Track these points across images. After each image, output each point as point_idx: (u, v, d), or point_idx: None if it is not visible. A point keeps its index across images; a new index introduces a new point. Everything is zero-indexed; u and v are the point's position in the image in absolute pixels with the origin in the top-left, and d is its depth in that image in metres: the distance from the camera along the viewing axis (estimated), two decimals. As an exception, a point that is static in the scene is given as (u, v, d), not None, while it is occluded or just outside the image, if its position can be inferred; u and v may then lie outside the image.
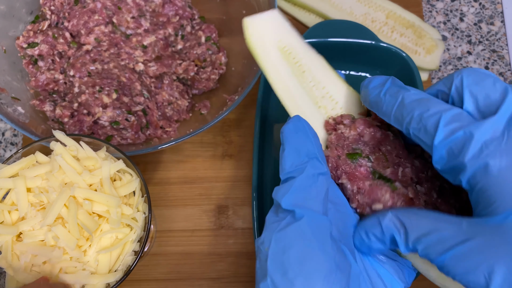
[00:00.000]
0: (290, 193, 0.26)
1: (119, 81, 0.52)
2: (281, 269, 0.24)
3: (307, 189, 0.26)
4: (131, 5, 0.57)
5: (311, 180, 0.26)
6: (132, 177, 0.40)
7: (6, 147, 0.57)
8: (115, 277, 0.37)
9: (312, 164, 0.27)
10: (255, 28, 0.34)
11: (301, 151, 0.27)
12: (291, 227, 0.24)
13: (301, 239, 0.24)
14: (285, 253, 0.24)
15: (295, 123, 0.28)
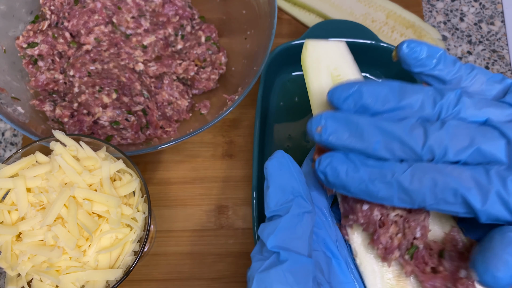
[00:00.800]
0: (276, 233, 0.25)
1: (119, 81, 0.52)
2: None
3: (293, 229, 0.26)
4: (131, 5, 0.57)
5: (297, 219, 0.26)
6: (132, 177, 0.40)
7: (6, 147, 0.57)
8: (115, 274, 0.37)
9: (297, 202, 0.26)
10: (315, 50, 0.36)
11: (286, 189, 0.27)
12: (274, 270, 0.24)
13: (282, 284, 0.23)
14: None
15: (278, 159, 0.28)
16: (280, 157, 0.28)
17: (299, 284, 0.24)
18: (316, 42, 0.36)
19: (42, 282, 0.36)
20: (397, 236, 0.30)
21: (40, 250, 0.35)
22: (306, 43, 0.36)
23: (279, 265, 0.24)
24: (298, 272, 0.24)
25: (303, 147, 0.54)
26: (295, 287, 0.23)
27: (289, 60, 0.55)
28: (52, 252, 0.35)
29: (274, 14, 0.50)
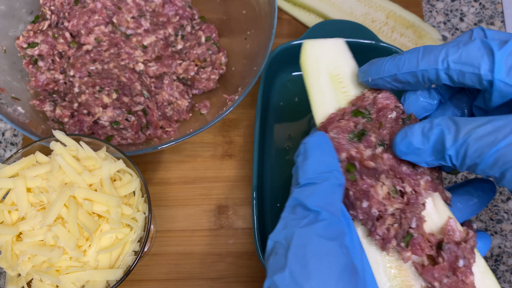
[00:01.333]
0: (316, 195, 0.28)
1: (119, 81, 0.52)
2: (301, 262, 0.25)
3: (330, 195, 0.28)
4: (131, 5, 0.57)
5: (332, 189, 0.29)
6: (132, 177, 0.40)
7: (6, 147, 0.57)
8: (115, 274, 0.37)
9: (335, 175, 0.29)
10: (313, 51, 0.36)
11: (324, 162, 0.29)
12: (315, 226, 0.26)
13: (323, 238, 0.26)
14: (306, 248, 0.26)
15: (319, 137, 0.31)
16: (322, 135, 0.31)
17: (337, 240, 0.26)
18: (314, 42, 0.37)
19: (42, 282, 0.36)
20: (393, 226, 0.31)
21: (40, 250, 0.35)
22: (304, 44, 0.36)
23: (319, 222, 0.26)
24: (336, 230, 0.27)
25: (303, 147, 0.54)
26: (334, 242, 0.26)
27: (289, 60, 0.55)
28: (52, 252, 0.35)
29: (274, 14, 0.50)
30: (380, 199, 0.31)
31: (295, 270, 0.25)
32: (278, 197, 0.52)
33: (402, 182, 0.32)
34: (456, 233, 0.31)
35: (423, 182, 0.32)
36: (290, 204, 0.29)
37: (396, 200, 0.31)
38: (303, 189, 0.29)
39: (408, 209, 0.31)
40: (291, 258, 0.26)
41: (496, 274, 0.51)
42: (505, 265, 0.52)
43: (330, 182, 0.29)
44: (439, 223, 0.32)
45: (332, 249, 0.26)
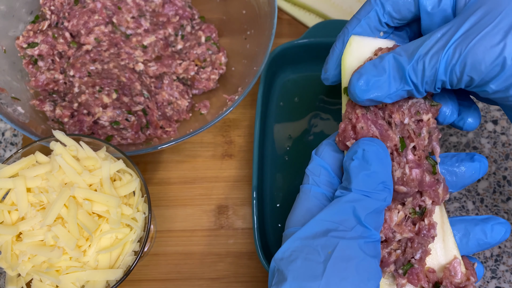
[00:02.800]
0: (366, 208, 0.28)
1: (119, 81, 0.52)
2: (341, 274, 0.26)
3: (380, 214, 0.29)
4: (131, 5, 0.57)
5: (383, 207, 0.29)
6: (132, 177, 0.40)
7: (6, 147, 0.57)
8: (115, 274, 0.37)
9: (389, 196, 0.29)
10: (359, 48, 0.34)
11: (382, 177, 0.29)
12: (363, 242, 0.27)
13: (368, 256, 0.26)
14: (349, 261, 0.26)
15: (380, 147, 0.30)
16: (381, 145, 0.30)
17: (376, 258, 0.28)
18: (362, 39, 0.34)
19: (42, 282, 0.36)
20: (395, 252, 0.30)
21: (40, 250, 0.35)
22: (350, 39, 0.34)
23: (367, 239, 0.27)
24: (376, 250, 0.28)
25: (303, 147, 0.54)
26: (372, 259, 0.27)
27: (289, 60, 0.55)
28: (52, 252, 0.35)
29: (274, 14, 0.50)
30: (392, 225, 0.30)
31: (333, 282, 0.25)
32: (278, 197, 0.52)
33: (421, 196, 0.31)
34: (457, 276, 0.30)
35: (441, 191, 0.31)
36: (332, 208, 0.28)
37: (407, 228, 0.30)
38: (356, 196, 0.28)
39: (418, 239, 0.30)
40: (330, 268, 0.25)
41: (496, 274, 0.51)
42: (505, 265, 0.52)
43: (385, 201, 0.28)
44: (443, 260, 0.31)
45: (373, 268, 0.26)
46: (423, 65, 0.28)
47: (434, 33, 0.29)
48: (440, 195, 0.31)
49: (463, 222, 0.33)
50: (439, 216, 0.32)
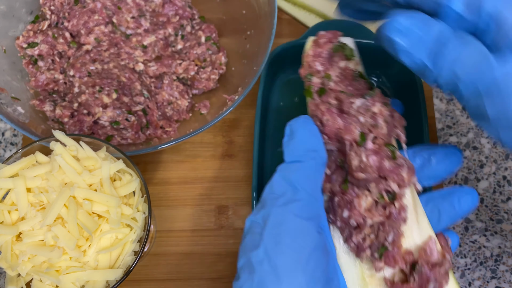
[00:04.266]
0: (300, 173, 0.28)
1: (119, 81, 0.52)
2: (275, 239, 0.26)
3: (314, 175, 0.29)
4: (131, 5, 0.57)
5: (317, 167, 0.29)
6: (132, 177, 0.40)
7: (6, 147, 0.57)
8: (115, 274, 0.37)
9: (320, 154, 0.29)
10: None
11: (310, 141, 0.30)
12: (292, 205, 0.27)
13: (298, 217, 0.27)
14: (281, 226, 0.26)
15: (305, 119, 0.31)
16: (306, 117, 0.31)
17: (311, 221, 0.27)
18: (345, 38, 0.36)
19: (41, 282, 0.36)
20: (369, 237, 0.31)
21: (40, 250, 0.35)
22: (309, 40, 0.36)
23: (297, 202, 0.27)
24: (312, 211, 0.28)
25: (303, 147, 0.54)
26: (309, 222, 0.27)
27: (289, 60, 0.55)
28: (52, 253, 0.35)
29: (274, 14, 0.50)
30: (362, 211, 0.31)
31: (269, 247, 0.26)
32: (278, 197, 0.52)
33: (386, 180, 0.31)
34: (433, 255, 0.31)
35: (405, 174, 0.32)
36: (270, 182, 0.29)
37: (377, 212, 0.31)
38: (288, 165, 0.29)
39: (388, 223, 0.31)
40: (266, 236, 0.26)
41: (496, 274, 0.51)
42: (505, 265, 0.52)
43: (316, 161, 0.29)
44: (418, 241, 0.32)
45: (307, 228, 0.27)
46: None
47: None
48: (405, 178, 0.31)
49: (431, 200, 0.34)
50: (411, 199, 0.33)
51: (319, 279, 0.26)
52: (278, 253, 0.26)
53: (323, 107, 0.33)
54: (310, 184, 0.28)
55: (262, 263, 0.26)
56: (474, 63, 0.26)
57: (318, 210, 0.28)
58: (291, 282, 0.25)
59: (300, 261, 0.26)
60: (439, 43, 0.27)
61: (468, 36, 0.27)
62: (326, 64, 0.35)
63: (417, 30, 0.27)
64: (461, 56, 0.26)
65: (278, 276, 0.25)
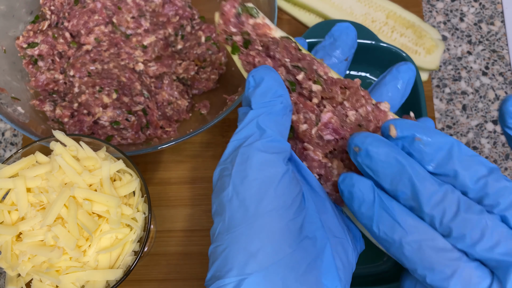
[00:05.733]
0: (268, 115, 0.28)
1: (119, 81, 0.52)
2: (242, 175, 0.26)
3: (281, 117, 0.29)
4: (131, 5, 0.57)
5: (284, 112, 0.29)
6: (132, 177, 0.40)
7: (6, 147, 0.57)
8: (115, 274, 0.37)
9: (286, 99, 0.29)
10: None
11: (275, 88, 0.30)
12: (258, 142, 0.27)
13: (263, 152, 0.27)
14: (247, 162, 0.26)
15: (267, 68, 0.31)
16: (267, 66, 0.31)
17: (277, 154, 0.27)
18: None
19: (41, 282, 0.36)
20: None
21: (40, 250, 0.35)
22: (215, 14, 0.37)
23: (263, 139, 0.27)
24: (278, 147, 0.27)
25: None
26: (274, 155, 0.27)
27: (289, 60, 0.55)
28: (52, 253, 0.35)
29: (274, 14, 0.50)
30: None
31: (237, 183, 0.26)
32: (278, 197, 0.52)
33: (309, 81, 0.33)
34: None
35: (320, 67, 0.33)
36: (238, 128, 0.29)
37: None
38: (256, 111, 0.29)
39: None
40: (234, 174, 0.27)
41: None
42: None
43: (283, 105, 0.29)
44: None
45: (272, 161, 0.26)
46: None
47: None
48: (324, 69, 0.33)
49: (378, 88, 0.35)
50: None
51: (290, 206, 0.26)
52: (246, 188, 0.26)
53: (253, 52, 0.34)
54: (278, 127, 0.28)
55: (231, 200, 0.26)
56: None
57: (284, 147, 0.28)
58: (259, 211, 0.25)
59: (268, 190, 0.26)
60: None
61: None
62: (238, 26, 0.36)
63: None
64: None
65: (246, 208, 0.25)
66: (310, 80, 0.32)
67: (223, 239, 0.27)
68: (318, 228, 0.28)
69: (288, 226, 0.26)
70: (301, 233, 0.26)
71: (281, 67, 0.33)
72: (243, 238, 0.25)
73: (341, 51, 0.37)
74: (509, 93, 0.60)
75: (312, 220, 0.28)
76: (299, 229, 0.26)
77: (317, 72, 0.33)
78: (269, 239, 0.25)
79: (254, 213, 0.25)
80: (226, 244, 0.26)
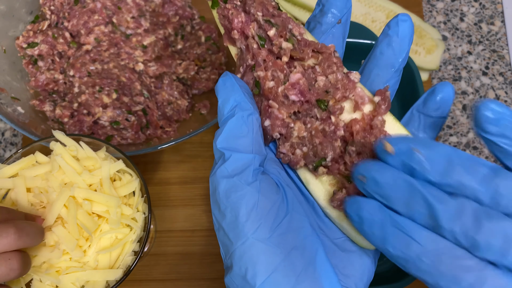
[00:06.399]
0: (222, 135, 0.28)
1: (119, 81, 0.52)
2: (216, 205, 0.27)
3: (238, 129, 0.28)
4: (131, 5, 0.57)
5: (241, 120, 0.29)
6: (132, 177, 0.40)
7: (6, 147, 0.57)
8: (115, 274, 0.37)
9: (240, 106, 0.29)
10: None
11: (231, 99, 0.29)
12: (220, 169, 0.27)
13: (225, 178, 0.27)
14: (215, 191, 0.27)
15: (224, 78, 0.30)
16: (225, 75, 0.30)
17: (239, 175, 0.27)
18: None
19: (41, 283, 0.36)
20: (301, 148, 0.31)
21: (40, 251, 0.35)
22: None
23: (224, 163, 0.27)
24: (239, 165, 0.27)
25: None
26: (235, 178, 0.27)
27: (289, 60, 0.55)
28: (52, 253, 0.35)
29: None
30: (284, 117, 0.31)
31: (216, 214, 0.27)
32: (278, 197, 0.52)
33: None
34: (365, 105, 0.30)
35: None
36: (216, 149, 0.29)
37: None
38: (219, 130, 0.29)
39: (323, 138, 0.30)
40: (212, 205, 0.28)
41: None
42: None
43: (236, 116, 0.28)
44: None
45: (235, 185, 0.27)
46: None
47: None
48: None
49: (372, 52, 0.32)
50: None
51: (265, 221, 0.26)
52: (222, 217, 0.27)
53: (230, 5, 0.33)
54: (235, 141, 0.28)
55: (218, 230, 0.27)
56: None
57: (247, 162, 0.28)
58: (238, 238, 0.26)
59: (238, 216, 0.26)
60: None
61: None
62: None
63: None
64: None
65: (228, 237, 0.27)
66: (282, 38, 0.31)
67: (225, 264, 0.28)
68: (307, 235, 0.27)
69: (267, 245, 0.26)
70: (284, 247, 0.26)
71: (253, 22, 0.32)
72: (234, 263, 0.26)
73: (331, 15, 0.33)
74: (509, 93, 0.60)
75: (298, 226, 0.28)
76: (281, 244, 0.26)
77: (292, 32, 0.32)
78: (252, 263, 0.26)
79: (233, 241, 0.26)
80: (226, 270, 0.28)
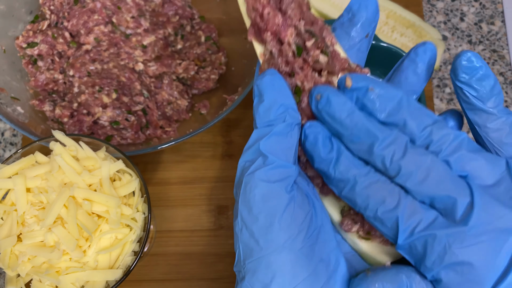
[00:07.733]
0: (270, 138, 0.28)
1: (118, 81, 0.52)
2: (247, 207, 0.27)
3: (284, 138, 0.28)
4: (130, 4, 0.57)
5: (288, 129, 0.28)
6: (132, 177, 0.40)
7: (6, 147, 0.57)
8: (114, 274, 0.37)
9: (291, 114, 0.28)
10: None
11: (279, 102, 0.29)
12: (259, 171, 0.27)
13: (264, 181, 0.27)
14: (251, 193, 0.27)
15: (272, 76, 0.29)
16: (273, 73, 0.29)
17: (279, 182, 0.27)
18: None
19: (41, 283, 0.36)
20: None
21: (40, 251, 0.35)
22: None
23: (265, 167, 0.27)
24: (280, 173, 0.27)
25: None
26: (276, 184, 0.27)
27: (289, 60, 0.55)
28: (52, 253, 0.35)
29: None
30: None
31: (244, 215, 0.27)
32: (278, 197, 0.52)
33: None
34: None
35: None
36: (245, 147, 0.29)
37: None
38: (259, 131, 0.28)
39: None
40: (240, 205, 0.27)
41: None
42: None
43: (286, 123, 0.28)
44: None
45: (274, 192, 0.27)
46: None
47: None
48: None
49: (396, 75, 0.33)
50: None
51: (296, 236, 0.26)
52: (252, 220, 0.26)
53: (265, 0, 0.31)
54: (281, 149, 0.28)
55: (242, 231, 0.27)
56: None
57: (288, 172, 0.28)
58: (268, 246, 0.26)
59: (272, 223, 0.26)
60: None
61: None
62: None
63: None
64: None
65: (256, 240, 0.26)
66: (318, 49, 0.30)
67: (241, 266, 0.28)
68: (332, 248, 0.28)
69: (297, 256, 0.26)
70: (312, 258, 0.27)
71: (291, 28, 0.30)
72: (259, 269, 0.26)
73: (361, 27, 0.33)
74: (510, 93, 0.60)
75: (326, 239, 0.28)
76: (309, 255, 0.27)
77: (325, 41, 0.30)
78: (281, 272, 0.26)
79: (263, 247, 0.26)
80: (243, 273, 0.27)
